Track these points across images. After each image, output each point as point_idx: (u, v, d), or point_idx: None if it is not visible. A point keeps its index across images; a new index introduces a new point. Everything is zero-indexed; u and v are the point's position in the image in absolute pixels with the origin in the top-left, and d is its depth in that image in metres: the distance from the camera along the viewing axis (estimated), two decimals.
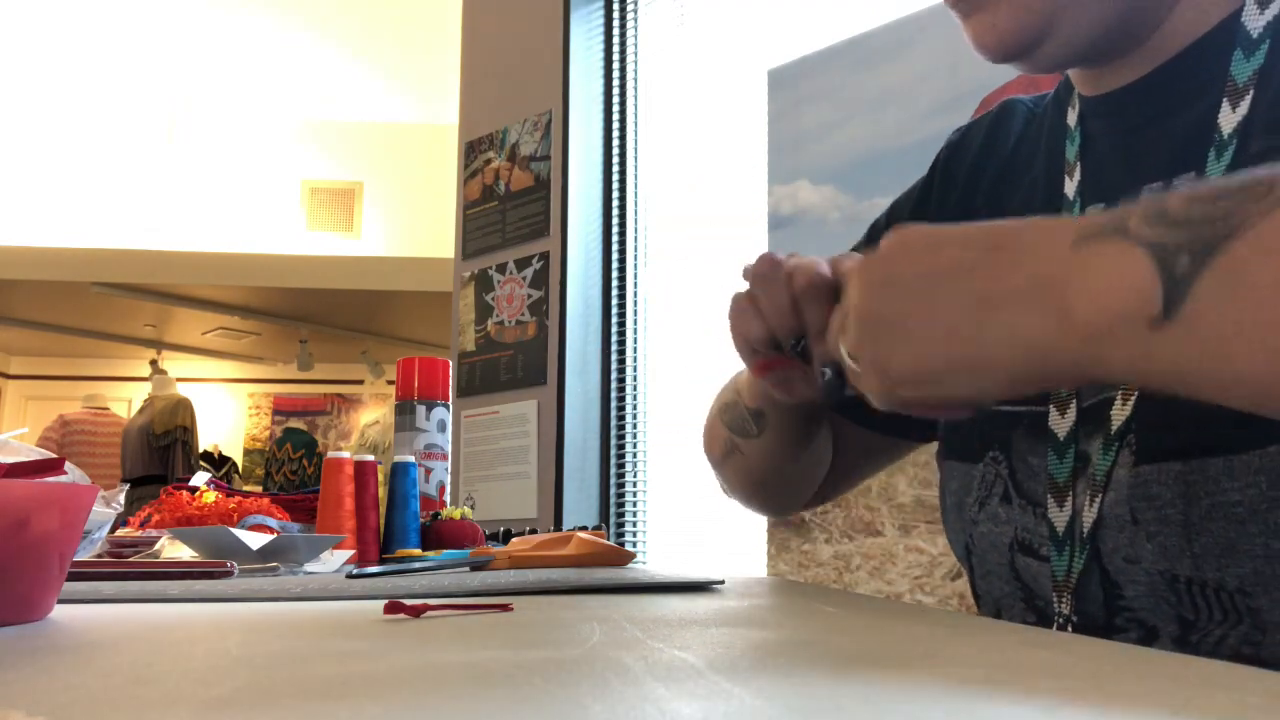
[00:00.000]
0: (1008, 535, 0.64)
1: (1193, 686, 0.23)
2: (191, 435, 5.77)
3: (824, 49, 2.22)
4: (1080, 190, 0.65)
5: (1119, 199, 0.61)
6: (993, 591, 0.66)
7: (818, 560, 2.05)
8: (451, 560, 0.86)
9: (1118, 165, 0.63)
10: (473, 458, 2.86)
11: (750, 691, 0.22)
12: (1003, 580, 0.65)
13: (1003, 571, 0.64)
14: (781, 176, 2.26)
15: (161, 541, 1.01)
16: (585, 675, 0.25)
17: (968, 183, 0.74)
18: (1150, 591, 0.56)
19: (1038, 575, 0.61)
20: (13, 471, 0.50)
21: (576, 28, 2.90)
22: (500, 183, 2.96)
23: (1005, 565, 0.64)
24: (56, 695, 0.23)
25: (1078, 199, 0.64)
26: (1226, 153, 0.56)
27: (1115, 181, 0.63)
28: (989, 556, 0.65)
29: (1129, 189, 0.61)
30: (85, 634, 0.37)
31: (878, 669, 0.26)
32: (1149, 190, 0.60)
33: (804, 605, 0.47)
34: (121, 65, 5.85)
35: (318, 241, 6.54)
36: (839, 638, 0.33)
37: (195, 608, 0.48)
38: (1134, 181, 0.61)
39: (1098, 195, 0.64)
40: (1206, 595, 0.54)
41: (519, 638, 0.35)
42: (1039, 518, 0.61)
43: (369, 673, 0.26)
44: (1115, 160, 0.64)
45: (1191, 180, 0.57)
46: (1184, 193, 0.39)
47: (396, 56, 5.68)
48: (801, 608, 0.46)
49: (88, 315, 6.29)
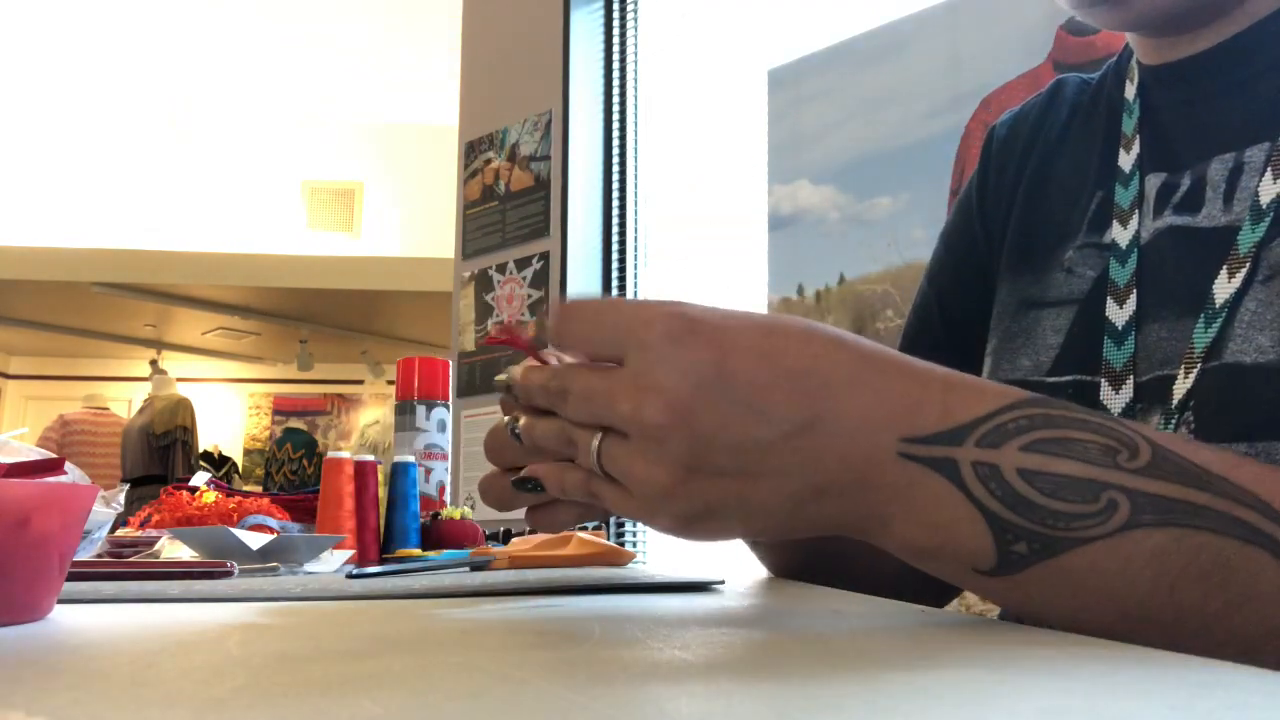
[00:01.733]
0: None
1: (1193, 686, 0.23)
2: (191, 435, 5.77)
3: (824, 49, 2.22)
4: (1139, 162, 0.62)
5: (1184, 170, 0.59)
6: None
7: None
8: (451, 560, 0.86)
9: (1182, 136, 0.61)
10: (473, 458, 2.86)
11: (750, 691, 0.22)
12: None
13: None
14: (781, 176, 2.25)
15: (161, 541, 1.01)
16: (585, 675, 0.25)
17: (1019, 173, 0.72)
18: None
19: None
20: (13, 471, 0.50)
21: (576, 28, 2.90)
22: (500, 183, 2.96)
23: None
24: (56, 695, 0.23)
25: (1135, 171, 0.62)
26: None
27: (1179, 152, 0.60)
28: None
29: (1195, 160, 0.59)
30: (85, 634, 0.37)
31: (878, 669, 0.26)
32: (1220, 160, 0.58)
33: (804, 605, 0.47)
34: (122, 65, 5.85)
35: (318, 241, 6.54)
36: (839, 638, 0.33)
37: (195, 608, 0.48)
38: (1200, 152, 0.59)
39: (1159, 165, 0.61)
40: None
41: (519, 638, 0.35)
42: None
43: (369, 673, 0.26)
44: (1180, 131, 0.61)
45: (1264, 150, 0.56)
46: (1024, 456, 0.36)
47: (396, 56, 5.68)
48: (801, 608, 0.46)
49: (88, 315, 6.30)
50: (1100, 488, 0.36)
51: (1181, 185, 0.59)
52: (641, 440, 0.38)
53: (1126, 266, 0.60)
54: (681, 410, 0.37)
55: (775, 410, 0.37)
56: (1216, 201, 0.57)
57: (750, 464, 0.37)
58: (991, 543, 0.37)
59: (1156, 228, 0.59)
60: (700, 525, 0.39)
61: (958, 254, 0.75)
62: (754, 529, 0.40)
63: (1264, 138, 0.56)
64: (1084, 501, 0.36)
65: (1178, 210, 0.58)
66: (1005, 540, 0.37)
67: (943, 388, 0.39)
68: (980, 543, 0.37)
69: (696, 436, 0.37)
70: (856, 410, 0.38)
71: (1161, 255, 0.58)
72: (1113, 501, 0.36)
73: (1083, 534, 0.36)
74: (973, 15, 1.98)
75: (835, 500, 0.38)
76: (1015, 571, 0.37)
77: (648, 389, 0.37)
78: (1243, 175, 0.56)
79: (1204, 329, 0.54)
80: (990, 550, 0.37)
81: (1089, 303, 0.61)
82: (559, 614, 0.42)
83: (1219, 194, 0.57)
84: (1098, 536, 0.36)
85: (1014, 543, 0.37)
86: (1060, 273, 0.64)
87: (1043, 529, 0.36)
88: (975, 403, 0.38)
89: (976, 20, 1.97)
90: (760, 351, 0.38)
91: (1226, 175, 0.57)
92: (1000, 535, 0.37)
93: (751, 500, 0.38)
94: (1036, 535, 0.36)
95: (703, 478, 0.37)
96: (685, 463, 0.37)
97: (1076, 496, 0.36)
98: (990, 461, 0.37)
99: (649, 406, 0.37)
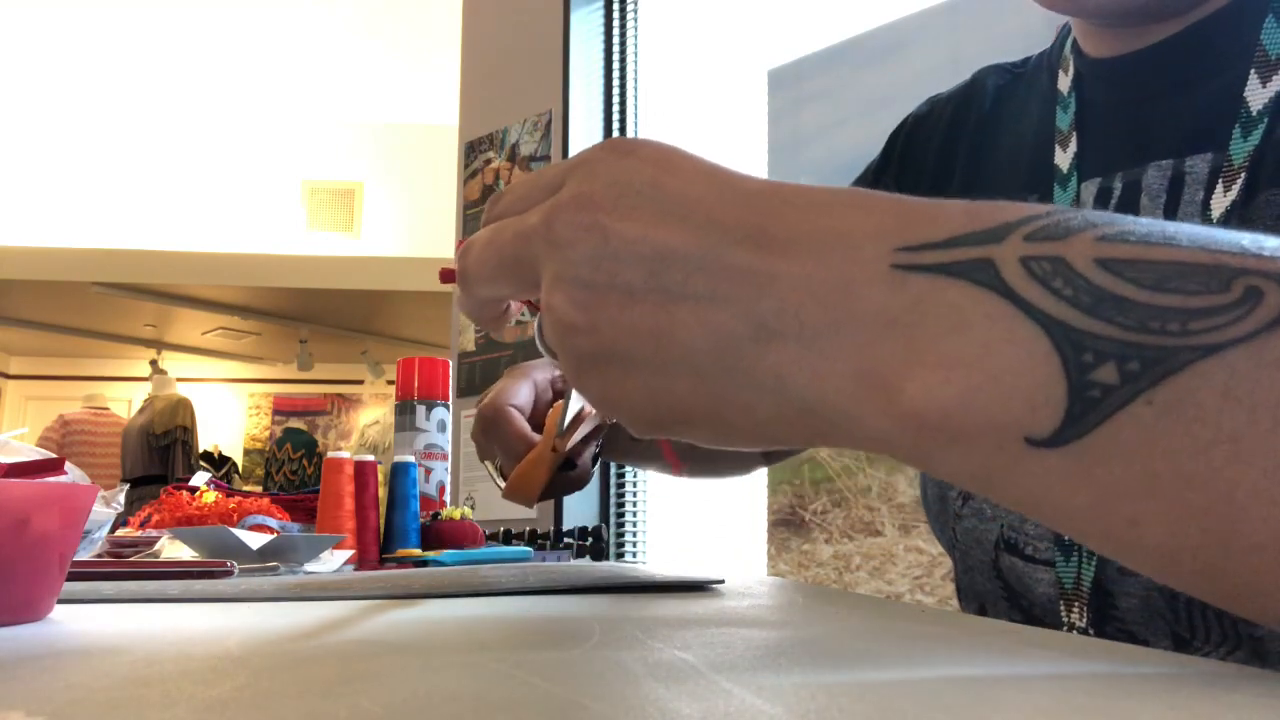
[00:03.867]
0: (993, 533, 0.60)
1: (1193, 686, 0.23)
2: (191, 435, 5.77)
3: (824, 49, 2.22)
4: (1076, 162, 0.59)
5: (1116, 173, 0.57)
6: (975, 587, 0.63)
7: (818, 560, 2.05)
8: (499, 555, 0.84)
9: (1123, 136, 0.58)
10: (473, 458, 2.86)
11: (750, 691, 0.22)
12: (986, 577, 0.62)
13: (985, 569, 0.61)
14: (781, 176, 2.25)
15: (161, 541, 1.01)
16: (585, 675, 0.25)
17: (940, 164, 0.68)
18: (1145, 605, 0.53)
19: (1023, 576, 0.58)
20: (13, 471, 0.50)
21: (576, 28, 2.90)
22: (500, 183, 2.96)
23: (989, 563, 0.61)
24: (56, 695, 0.23)
25: (1073, 172, 0.59)
26: (1256, 131, 0.51)
27: (1119, 154, 0.58)
28: (972, 552, 0.62)
29: (1135, 163, 0.56)
30: (85, 634, 0.37)
31: (878, 669, 0.26)
32: (1157, 167, 0.55)
33: (804, 605, 0.47)
34: (121, 64, 5.85)
35: (318, 241, 6.54)
36: (839, 638, 0.33)
37: (195, 608, 0.48)
38: (1141, 155, 0.56)
39: (1097, 168, 0.59)
40: (1206, 615, 0.51)
41: (519, 638, 0.35)
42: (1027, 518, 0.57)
43: (369, 672, 0.26)
44: (1120, 131, 0.58)
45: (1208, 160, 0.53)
46: (1103, 245, 0.24)
47: (396, 56, 5.68)
48: (801, 608, 0.46)
49: (88, 315, 6.29)
50: (1232, 273, 0.23)
51: (1115, 190, 0.57)
52: (550, 258, 0.30)
53: None
54: (593, 212, 0.29)
55: (716, 218, 0.28)
56: (1155, 212, 0.54)
57: (671, 283, 0.27)
58: (1060, 376, 0.23)
59: None
60: (602, 374, 0.29)
61: None
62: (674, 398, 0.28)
63: (1205, 146, 0.53)
64: (1204, 291, 0.23)
65: None
66: (1083, 367, 0.23)
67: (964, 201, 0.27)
68: (1041, 381, 0.24)
69: (604, 242, 0.28)
70: (833, 223, 0.27)
71: None
72: (1253, 289, 0.23)
73: (1213, 337, 0.23)
74: (973, 15, 1.98)
75: (795, 351, 0.26)
76: (1096, 423, 0.23)
77: (563, 199, 0.30)
78: (1185, 187, 0.54)
79: None
80: (1058, 391, 0.23)
81: None
82: (559, 614, 0.42)
83: (1157, 204, 0.54)
84: (1236, 339, 0.23)
85: (1097, 366, 0.23)
86: None
87: (1146, 336, 0.23)
88: (1016, 206, 0.26)
89: (976, 20, 1.97)
90: (708, 170, 0.29)
91: (1166, 185, 0.54)
92: (1075, 360, 0.23)
93: (670, 336, 0.27)
94: (1136, 348, 0.23)
95: (612, 303, 0.28)
96: (588, 279, 0.28)
97: (1192, 285, 0.23)
98: (1053, 255, 0.24)
99: (562, 212, 0.29)
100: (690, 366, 0.28)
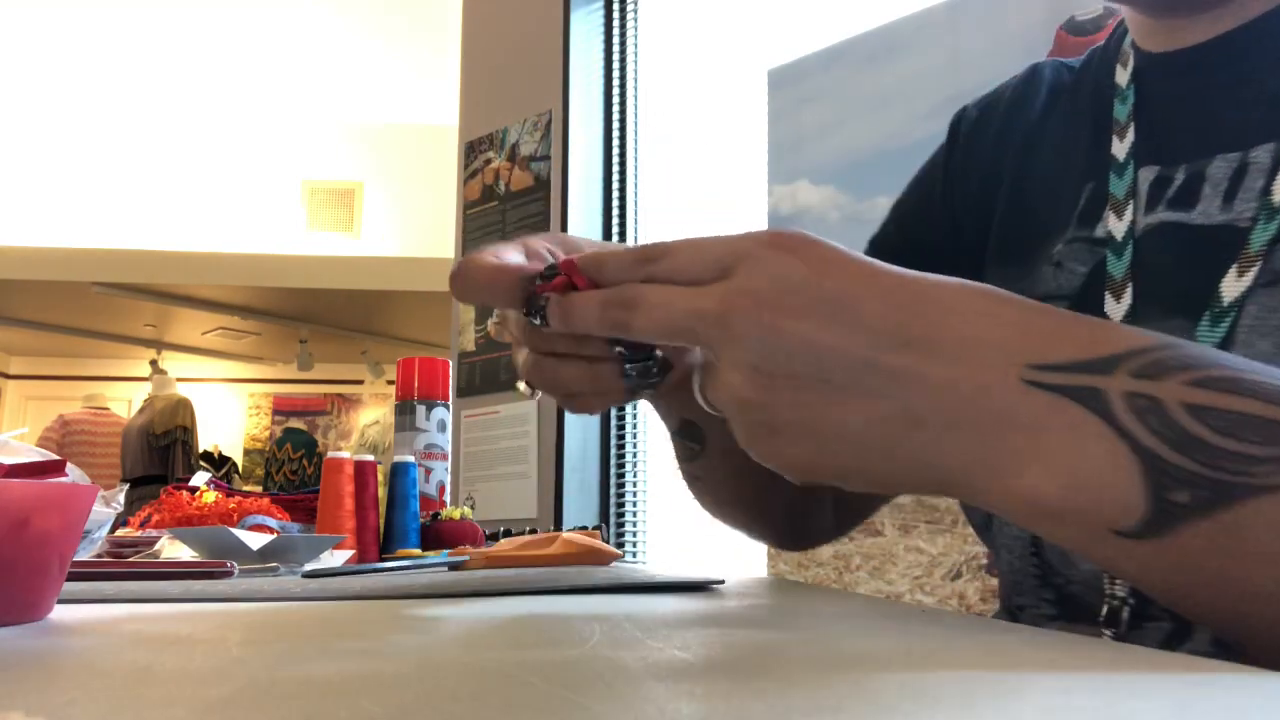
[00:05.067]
0: None
1: (1193, 686, 0.23)
2: (191, 435, 5.77)
3: (824, 49, 2.22)
4: (1133, 151, 0.60)
5: (1178, 165, 0.57)
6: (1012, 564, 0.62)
7: (818, 560, 2.04)
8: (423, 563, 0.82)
9: (1183, 128, 0.59)
10: (473, 458, 2.86)
11: (750, 691, 0.22)
12: (1017, 556, 0.61)
13: (1021, 548, 0.61)
14: (781, 176, 2.25)
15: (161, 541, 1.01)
16: (585, 675, 0.25)
17: (994, 159, 0.69)
18: None
19: (1065, 552, 0.57)
20: (13, 471, 0.50)
21: (576, 28, 2.90)
22: (500, 183, 2.96)
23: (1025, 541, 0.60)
24: (56, 695, 0.23)
25: (1130, 160, 0.60)
26: None
27: (1179, 145, 0.58)
28: (1006, 529, 0.62)
29: (1192, 155, 0.57)
30: (85, 634, 0.37)
31: (878, 669, 0.26)
32: (1224, 159, 0.56)
33: (804, 605, 0.47)
34: (121, 64, 5.84)
35: (318, 241, 6.54)
36: (839, 638, 0.33)
37: (195, 608, 0.48)
38: (1200, 149, 0.57)
39: (1152, 158, 0.59)
40: None
41: (519, 638, 0.35)
42: None
43: (369, 673, 0.26)
44: (1180, 122, 0.59)
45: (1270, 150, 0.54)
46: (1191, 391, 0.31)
47: (396, 56, 5.68)
48: (801, 608, 0.46)
49: (88, 315, 6.29)
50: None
51: (1175, 180, 0.58)
52: (726, 344, 0.35)
53: (1123, 259, 0.58)
54: (766, 310, 0.34)
55: (870, 322, 0.33)
56: (1215, 199, 0.55)
57: (835, 376, 0.34)
58: (1145, 492, 0.31)
59: (1148, 223, 0.58)
60: (772, 441, 0.36)
61: (908, 230, 0.74)
62: (833, 459, 0.35)
63: (1271, 137, 0.55)
64: (1266, 443, 0.30)
65: (1171, 206, 0.57)
66: (1163, 487, 0.31)
67: (1077, 319, 0.34)
68: (1129, 492, 0.31)
69: (779, 339, 0.34)
70: (970, 330, 0.33)
71: (1154, 251, 0.57)
72: None
73: (1263, 480, 0.30)
74: (973, 15, 1.98)
75: (937, 436, 0.33)
76: (1169, 528, 0.31)
77: (735, 291, 0.35)
78: (1247, 175, 0.55)
79: (1210, 327, 0.52)
80: (1142, 502, 0.31)
81: (1080, 299, 0.60)
82: (559, 614, 0.42)
83: (1218, 191, 0.56)
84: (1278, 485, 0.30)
85: (1174, 489, 0.31)
86: (1049, 267, 0.62)
87: (1214, 473, 0.30)
88: (1123, 334, 0.33)
89: (976, 20, 1.97)
90: (862, 269, 0.35)
91: (1230, 174, 0.56)
92: (1157, 481, 0.31)
93: (830, 419, 0.34)
94: (1205, 481, 0.30)
95: (783, 387, 0.34)
96: (763, 367, 0.34)
97: (1257, 437, 0.30)
98: (1150, 394, 0.31)
99: (737, 307, 0.34)
100: (851, 442, 0.34)
